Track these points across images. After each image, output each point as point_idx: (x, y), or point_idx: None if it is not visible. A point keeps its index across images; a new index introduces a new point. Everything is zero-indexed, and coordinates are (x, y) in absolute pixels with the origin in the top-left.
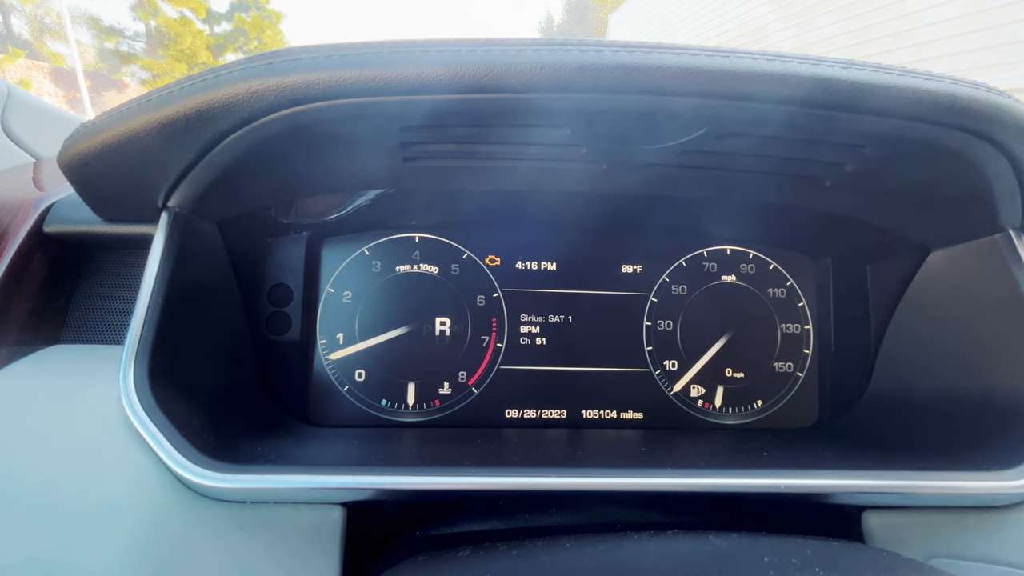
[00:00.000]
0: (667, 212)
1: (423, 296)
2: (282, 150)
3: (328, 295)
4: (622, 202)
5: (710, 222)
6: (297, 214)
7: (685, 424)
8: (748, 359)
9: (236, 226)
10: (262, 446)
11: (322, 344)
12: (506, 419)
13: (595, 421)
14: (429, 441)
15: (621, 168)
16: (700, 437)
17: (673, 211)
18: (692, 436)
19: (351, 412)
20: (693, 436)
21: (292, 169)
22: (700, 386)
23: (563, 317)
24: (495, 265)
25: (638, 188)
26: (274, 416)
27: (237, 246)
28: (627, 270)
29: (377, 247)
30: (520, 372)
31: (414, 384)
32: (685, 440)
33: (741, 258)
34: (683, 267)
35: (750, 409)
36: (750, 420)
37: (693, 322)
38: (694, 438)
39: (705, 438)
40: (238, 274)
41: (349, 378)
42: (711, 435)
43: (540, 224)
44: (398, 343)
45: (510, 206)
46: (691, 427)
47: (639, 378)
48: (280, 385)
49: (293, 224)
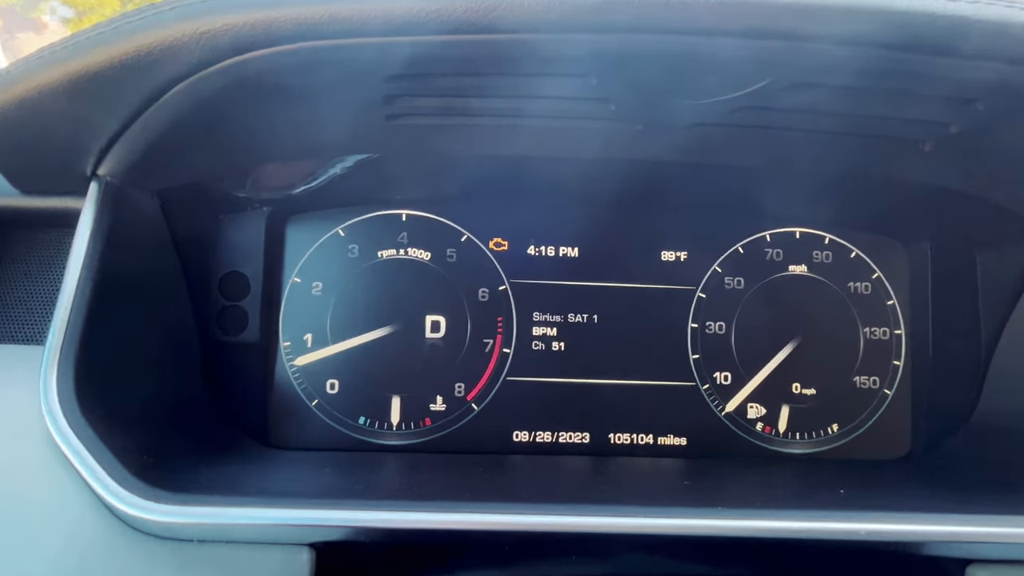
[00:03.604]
0: (719, 185)
1: (411, 288)
2: (238, 106)
3: (293, 286)
4: (661, 172)
5: (774, 198)
6: (256, 186)
7: (739, 452)
8: (821, 372)
9: (181, 200)
10: (212, 471)
11: (286, 347)
12: (514, 443)
13: (625, 448)
14: (418, 469)
15: (660, 129)
16: (758, 469)
17: (727, 183)
18: (748, 468)
19: (321, 432)
20: (749, 468)
21: (250, 130)
22: (759, 405)
23: (586, 316)
24: (501, 250)
25: (682, 154)
26: (227, 435)
27: (182, 225)
28: (668, 258)
29: (354, 227)
30: (532, 385)
31: (399, 398)
32: (739, 472)
33: (814, 243)
34: (739, 254)
35: (823, 435)
36: (823, 449)
37: (752, 324)
38: (751, 470)
39: (765, 470)
40: (183, 259)
41: (319, 390)
42: (773, 467)
43: (558, 199)
44: (380, 347)
45: (520, 176)
46: (747, 456)
47: (682, 394)
48: (234, 397)
49: (251, 198)
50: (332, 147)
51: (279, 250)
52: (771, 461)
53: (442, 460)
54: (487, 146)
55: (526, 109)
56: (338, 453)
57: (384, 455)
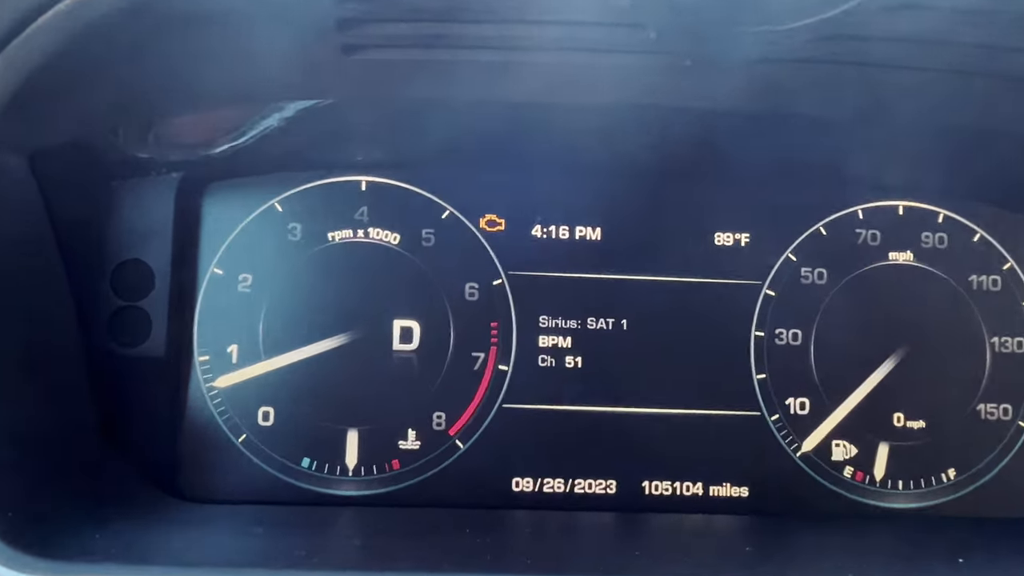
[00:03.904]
0: (793, 143)
1: (374, 283)
2: (136, 33)
3: (213, 280)
4: (715, 125)
5: (867, 161)
6: (162, 143)
7: (820, 508)
8: (932, 398)
9: (59, 162)
10: (101, 532)
11: (203, 363)
12: (514, 494)
13: (665, 501)
14: (383, 530)
15: (715, 67)
16: (847, 531)
17: (804, 142)
18: (833, 529)
19: (250, 479)
20: (835, 529)
21: (154, 66)
22: (848, 443)
23: (611, 322)
24: (496, 231)
25: (743, 102)
26: (122, 483)
27: (62, 197)
28: (724, 241)
29: (296, 200)
30: (537, 415)
31: (357, 433)
32: (820, 535)
33: (923, 222)
34: (820, 237)
35: (935, 483)
36: (935, 502)
37: (838, 332)
38: (836, 532)
39: (856, 533)
40: (62, 242)
41: (248, 421)
42: (867, 528)
43: (574, 162)
44: (331, 363)
45: (523, 132)
46: (831, 513)
47: (743, 428)
48: (132, 432)
49: (155, 160)
50: (267, 91)
51: (193, 231)
52: (864, 520)
53: (414, 518)
54: (478, 90)
55: (531, 38)
56: (274, 508)
57: (336, 510)
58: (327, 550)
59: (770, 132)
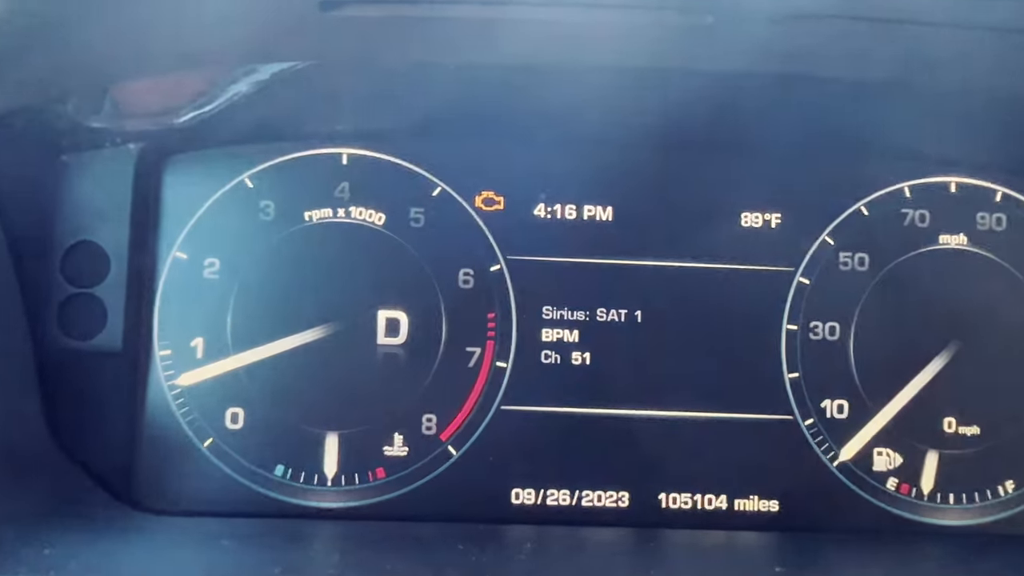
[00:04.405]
0: (829, 110)
1: (356, 269)
2: None
3: (176, 265)
4: (741, 90)
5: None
6: (118, 111)
7: (860, 524)
8: (988, 401)
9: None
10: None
11: (164, 358)
12: (513, 507)
13: (685, 515)
14: (365, 546)
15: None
16: (890, 550)
17: (840, 107)
18: (875, 548)
19: (217, 488)
20: (877, 548)
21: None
22: (892, 451)
23: (624, 313)
24: (494, 211)
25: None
26: (73, 492)
27: (4, 169)
28: (751, 223)
29: (269, 175)
30: (540, 418)
31: (337, 437)
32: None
33: (979, 200)
34: (861, 218)
35: (992, 497)
36: (990, 519)
37: (881, 326)
38: (879, 552)
39: (901, 552)
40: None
41: (215, 424)
42: (913, 547)
43: (581, 133)
44: (308, 360)
45: (524, 98)
46: (872, 530)
47: (773, 434)
48: (85, 434)
49: (111, 130)
50: (236, 52)
51: (153, 209)
52: (910, 538)
53: (401, 531)
54: (470, 50)
55: None
56: (244, 521)
57: (314, 524)
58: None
59: (803, 98)
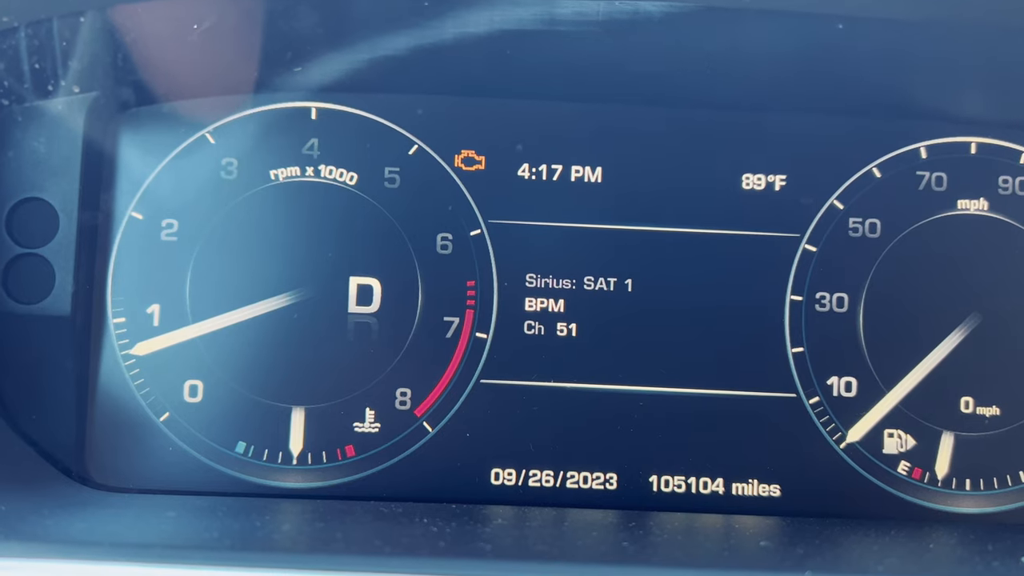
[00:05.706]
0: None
1: (325, 232)
2: None
3: (132, 225)
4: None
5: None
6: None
7: (870, 510)
8: (1009, 379)
9: None
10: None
11: (117, 325)
12: (493, 488)
13: (678, 498)
14: (335, 526)
15: None
16: (901, 538)
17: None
18: (884, 536)
19: (174, 466)
20: (886, 536)
21: None
22: (904, 433)
23: (613, 282)
24: (475, 170)
25: None
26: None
27: None
28: (753, 184)
29: (231, 129)
30: (522, 393)
31: (303, 412)
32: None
33: (1002, 163)
34: (873, 180)
35: (1012, 483)
36: (1010, 507)
37: (893, 298)
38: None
39: (913, 540)
40: None
41: (172, 397)
42: (926, 535)
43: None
44: (272, 329)
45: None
46: (883, 517)
47: (775, 412)
48: (32, 406)
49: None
50: None
51: (107, 165)
52: (922, 526)
53: (373, 513)
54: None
55: None
56: (203, 499)
57: (278, 504)
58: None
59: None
